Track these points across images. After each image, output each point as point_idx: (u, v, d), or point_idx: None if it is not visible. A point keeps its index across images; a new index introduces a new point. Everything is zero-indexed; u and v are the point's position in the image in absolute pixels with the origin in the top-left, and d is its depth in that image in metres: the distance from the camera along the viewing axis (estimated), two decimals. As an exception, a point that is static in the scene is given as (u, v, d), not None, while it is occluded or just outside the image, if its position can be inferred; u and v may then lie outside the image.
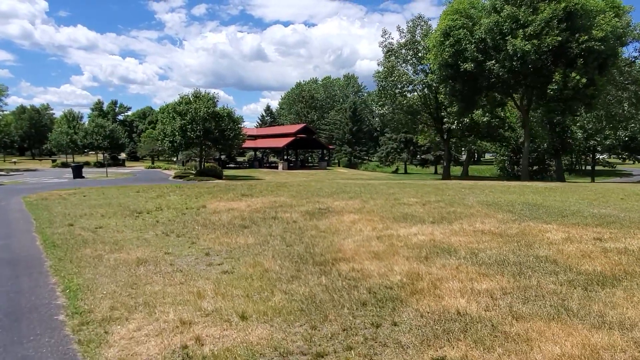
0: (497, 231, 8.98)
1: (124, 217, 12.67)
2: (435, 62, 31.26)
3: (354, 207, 12.41)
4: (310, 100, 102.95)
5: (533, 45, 26.46)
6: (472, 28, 29.24)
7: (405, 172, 79.01)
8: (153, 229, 10.65)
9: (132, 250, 8.31)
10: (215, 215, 12.21)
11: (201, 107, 42.93)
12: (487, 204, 12.65)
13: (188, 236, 9.59)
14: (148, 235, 9.95)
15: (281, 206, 13.15)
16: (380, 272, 6.35)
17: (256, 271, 6.60)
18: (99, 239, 9.51)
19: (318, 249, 7.90)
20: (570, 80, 26.52)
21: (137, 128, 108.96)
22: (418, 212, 11.47)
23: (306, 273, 6.45)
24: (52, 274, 6.99)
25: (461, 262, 6.75)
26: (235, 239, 9.01)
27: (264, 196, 15.80)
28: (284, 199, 14.78)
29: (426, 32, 38.40)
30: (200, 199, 15.93)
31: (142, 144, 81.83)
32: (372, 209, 12.02)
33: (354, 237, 8.71)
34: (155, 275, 6.65)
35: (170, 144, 44.05)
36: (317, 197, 15.01)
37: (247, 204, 13.87)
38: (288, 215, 11.52)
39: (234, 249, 8.26)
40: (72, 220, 12.16)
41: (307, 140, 68.47)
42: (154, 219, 12.03)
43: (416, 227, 9.56)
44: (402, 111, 41.32)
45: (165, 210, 13.72)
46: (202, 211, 13.09)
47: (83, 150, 75.10)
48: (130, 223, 11.55)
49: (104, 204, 15.67)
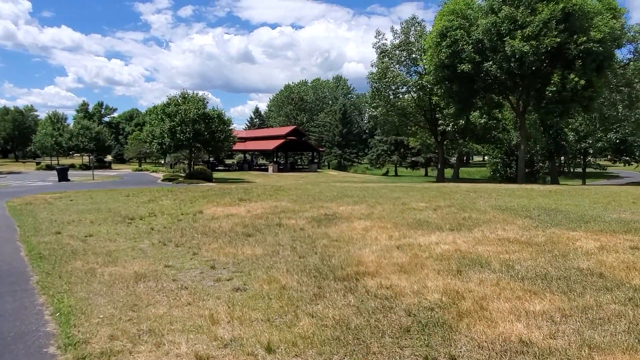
0: (524, 239, 8.35)
1: (115, 223, 11.83)
2: (431, 63, 30.78)
3: (361, 213, 11.72)
4: (299, 102, 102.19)
5: (531, 47, 26.08)
6: (469, 29, 28.80)
7: (396, 175, 78.56)
8: (148, 237, 9.84)
9: (128, 263, 7.51)
10: (215, 221, 11.43)
11: (191, 109, 41.95)
12: (500, 209, 12.05)
13: (188, 246, 8.80)
14: (143, 244, 9.15)
15: (284, 212, 12.41)
16: (413, 289, 5.66)
17: (272, 288, 5.86)
18: (90, 249, 8.68)
19: (335, 260, 7.19)
20: (569, 82, 26.19)
21: (123, 130, 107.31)
22: (431, 218, 10.82)
23: (330, 291, 5.73)
24: (40, 291, 6.17)
25: (499, 276, 6.09)
26: (241, 249, 8.26)
27: (263, 201, 15.04)
28: (285, 203, 14.04)
29: (420, 33, 37.96)
30: (195, 204, 15.12)
31: (129, 146, 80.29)
32: (382, 215, 11.34)
33: (371, 247, 8.01)
34: (157, 293, 5.87)
35: (158, 146, 43.01)
36: (319, 201, 14.29)
37: (247, 210, 13.10)
38: (293, 222, 10.78)
39: (241, 260, 7.50)
40: (60, 227, 11.30)
41: (297, 143, 67.77)
42: (148, 226, 11.21)
43: (435, 235, 8.89)
44: (395, 113, 40.81)
45: (159, 216, 12.90)
46: (200, 217, 12.29)
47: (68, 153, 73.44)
48: (122, 230, 10.72)
49: (93, 209, 14.79)
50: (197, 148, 46.46)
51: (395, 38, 39.71)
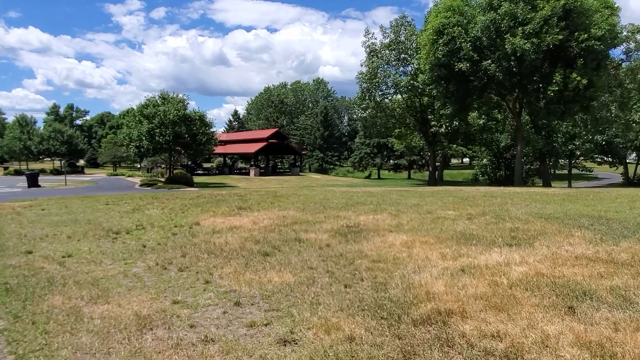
0: (604, 257, 6.93)
1: (98, 239, 10.01)
2: (426, 61, 29.52)
3: (388, 224, 10.17)
4: (280, 104, 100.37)
5: (532, 44, 25.06)
6: (467, 26, 27.65)
7: (379, 178, 77.50)
8: (141, 257, 8.09)
9: (123, 298, 5.78)
10: (218, 236, 9.71)
11: (171, 110, 39.77)
12: (542, 217, 10.66)
13: (195, 270, 7.09)
14: (137, 268, 7.41)
15: (296, 223, 10.76)
16: (531, 339, 4.11)
17: (336, 341, 4.23)
18: (71, 276, 6.90)
19: (395, 291, 5.61)
20: (571, 82, 25.27)
21: (96, 133, 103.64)
22: (472, 229, 9.34)
23: (418, 343, 4.13)
24: (6, 350, 4.41)
25: (630, 315, 4.61)
26: (264, 275, 6.60)
27: (266, 210, 13.35)
28: (293, 213, 12.38)
29: (412, 33, 36.75)
30: (188, 214, 13.34)
31: (103, 150, 77.07)
32: (414, 226, 9.81)
33: (429, 271, 6.45)
34: (174, 352, 4.17)
35: (136, 149, 40.67)
36: (331, 210, 12.69)
37: (252, 221, 11.40)
38: (314, 237, 9.15)
39: (271, 292, 5.85)
40: (31, 244, 9.43)
41: (279, 146, 66.08)
42: (138, 242, 9.43)
43: (494, 252, 7.40)
44: (384, 114, 39.49)
45: (148, 229, 11.10)
46: (198, 230, 10.54)
47: (38, 157, 69.99)
48: (108, 248, 8.93)
49: (69, 220, 12.87)
50: (177, 151, 44.28)
51: (385, 37, 38.46)
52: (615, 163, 51.61)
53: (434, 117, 36.47)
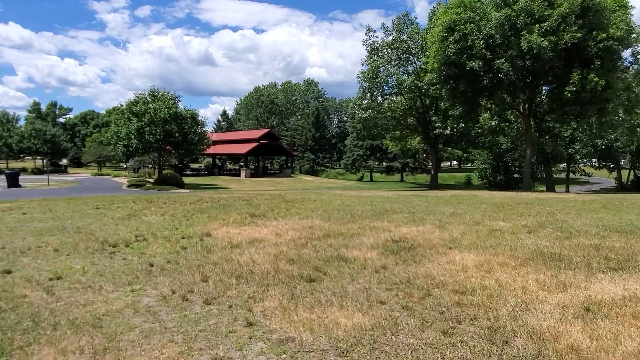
0: None
1: (92, 253, 8.32)
2: (435, 60, 28.13)
3: (439, 238, 8.61)
4: (270, 105, 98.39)
5: (550, 42, 23.82)
6: (479, 23, 26.34)
7: (371, 180, 76.21)
8: (150, 281, 6.42)
9: (139, 353, 4.12)
10: (239, 252, 8.05)
11: (161, 108, 37.82)
12: (616, 230, 9.19)
13: (226, 302, 5.45)
14: (149, 298, 5.74)
15: (328, 236, 9.14)
16: None
17: None
18: (63, 310, 5.22)
19: (523, 345, 4.05)
20: (589, 82, 24.11)
21: (79, 132, 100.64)
22: (546, 246, 7.82)
23: None
24: None
25: None
26: (325, 313, 4.98)
27: (283, 217, 11.70)
28: (318, 222, 10.74)
29: (415, 31, 35.38)
30: (193, 222, 11.64)
31: (87, 149, 74.41)
32: (473, 242, 8.26)
33: (540, 308, 4.90)
34: None
35: (124, 148, 38.59)
36: (361, 219, 11.08)
37: (273, 232, 9.75)
38: (359, 255, 7.55)
39: (346, 344, 4.23)
40: (10, 260, 7.72)
41: (271, 147, 64.36)
42: (142, 259, 7.75)
43: (603, 280, 5.89)
44: (384, 115, 38.01)
45: (151, 240, 9.41)
46: (212, 244, 8.86)
47: (19, 156, 67.23)
48: (106, 267, 7.24)
49: (55, 227, 11.10)
50: (168, 151, 42.27)
51: (386, 35, 37.04)
52: (614, 167, 50.85)
53: (438, 119, 35.11)
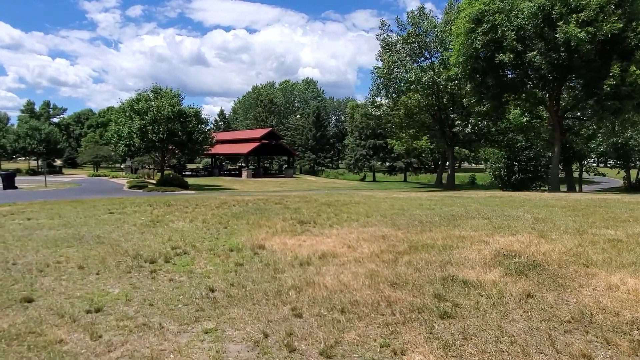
0: None
1: (127, 272, 6.66)
2: (460, 53, 26.57)
3: (559, 252, 6.95)
4: (269, 104, 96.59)
5: (588, 33, 22.34)
6: (509, 13, 24.80)
7: (374, 180, 74.62)
8: (223, 316, 4.76)
9: None
10: (315, 271, 6.38)
11: (165, 105, 36.01)
12: None
13: (354, 355, 3.81)
14: (236, 346, 4.11)
15: (415, 248, 7.48)
16: None
17: None
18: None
19: None
20: (629, 76, 22.64)
21: (73, 132, 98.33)
22: None
23: None
24: None
25: None
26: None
27: (340, 225, 10.01)
28: (387, 230, 9.08)
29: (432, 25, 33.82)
30: (233, 229, 9.95)
31: (83, 150, 72.22)
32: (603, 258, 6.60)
33: None
34: None
35: (126, 148, 36.73)
36: (437, 226, 9.39)
37: (342, 243, 8.08)
38: (476, 275, 5.90)
39: None
40: (27, 282, 6.06)
41: (272, 146, 62.64)
42: (195, 281, 6.10)
43: None
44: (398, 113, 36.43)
45: (194, 254, 7.73)
46: (273, 259, 7.18)
47: (12, 156, 64.99)
48: (153, 292, 5.58)
49: (70, 236, 9.40)
50: (171, 151, 40.44)
51: (401, 30, 35.48)
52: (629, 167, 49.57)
53: (457, 116, 33.57)
